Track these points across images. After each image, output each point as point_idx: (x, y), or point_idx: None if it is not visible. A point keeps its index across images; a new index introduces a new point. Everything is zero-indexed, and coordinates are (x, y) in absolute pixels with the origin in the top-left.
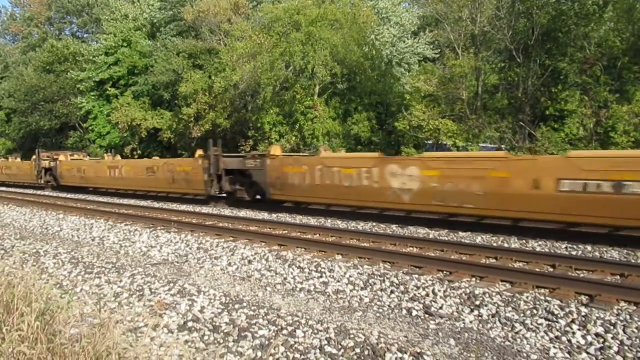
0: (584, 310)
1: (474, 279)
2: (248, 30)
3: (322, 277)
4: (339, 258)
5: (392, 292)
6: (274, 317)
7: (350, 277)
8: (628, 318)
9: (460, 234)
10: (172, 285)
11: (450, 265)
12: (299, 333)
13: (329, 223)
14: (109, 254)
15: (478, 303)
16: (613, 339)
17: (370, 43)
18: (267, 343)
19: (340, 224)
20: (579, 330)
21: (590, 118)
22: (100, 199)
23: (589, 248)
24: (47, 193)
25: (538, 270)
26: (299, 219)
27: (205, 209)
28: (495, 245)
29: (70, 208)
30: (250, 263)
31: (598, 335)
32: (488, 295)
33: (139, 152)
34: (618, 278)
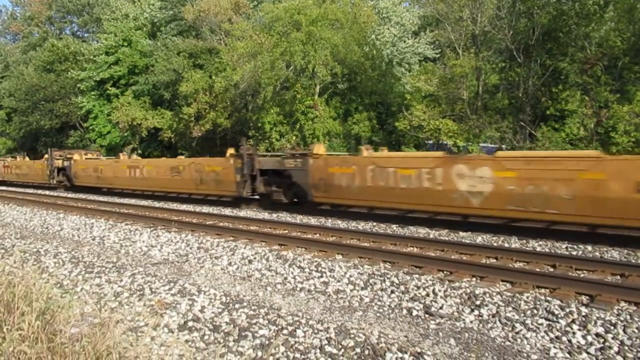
0: (584, 310)
1: (474, 279)
2: (248, 30)
3: (322, 276)
4: (339, 258)
5: (392, 291)
6: (274, 316)
7: (351, 276)
8: (628, 318)
9: (461, 234)
10: (172, 285)
11: (451, 265)
12: (299, 332)
13: (329, 223)
14: (109, 253)
15: (478, 303)
16: (613, 339)
17: (371, 43)
18: (267, 342)
19: (341, 224)
20: (579, 330)
21: (591, 118)
22: (101, 199)
23: (589, 248)
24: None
25: (538, 270)
26: (299, 219)
27: (206, 209)
28: (496, 245)
29: (71, 207)
30: (251, 262)
31: (598, 335)
32: (488, 295)
33: (139, 151)
34: (618, 278)
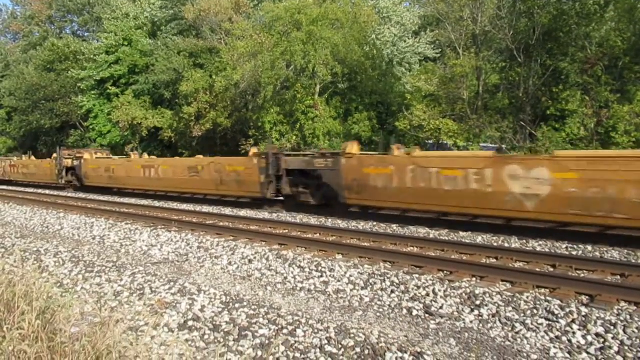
0: (584, 310)
1: (474, 279)
2: (249, 29)
3: (322, 276)
4: (340, 257)
5: (392, 291)
6: (274, 316)
7: (351, 276)
8: (628, 318)
9: (461, 234)
10: (172, 284)
11: (451, 265)
12: (299, 332)
13: (329, 222)
14: (110, 253)
15: (478, 303)
16: (613, 339)
17: (371, 42)
18: (267, 342)
19: (341, 224)
20: (579, 330)
21: (591, 118)
22: (101, 198)
23: (589, 248)
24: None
25: (538, 270)
26: (299, 219)
27: (206, 208)
28: (496, 245)
29: (71, 207)
30: (251, 262)
31: (598, 335)
32: (488, 295)
33: (139, 150)
34: (618, 278)
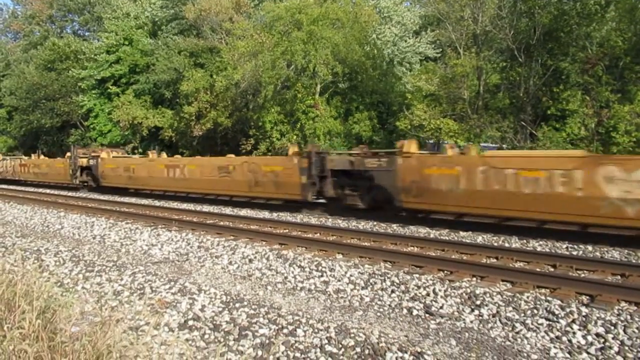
0: (585, 310)
1: (475, 279)
2: (249, 29)
3: (322, 276)
4: (340, 257)
5: (392, 291)
6: (275, 315)
7: (351, 276)
8: (628, 318)
9: (461, 234)
10: (172, 284)
11: (451, 265)
12: (300, 332)
13: (330, 222)
14: (110, 252)
15: (478, 302)
16: (613, 339)
17: (372, 42)
18: (267, 342)
19: (341, 223)
20: (580, 330)
21: (592, 118)
22: (101, 197)
23: (590, 248)
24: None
25: (539, 270)
26: (300, 218)
27: (206, 208)
28: (496, 245)
29: (71, 206)
30: (251, 262)
31: (598, 335)
32: (488, 295)
33: (140, 150)
34: (618, 278)
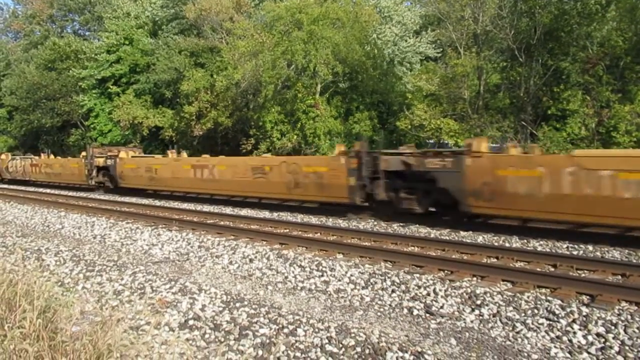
0: (585, 310)
1: (475, 279)
2: (250, 29)
3: (323, 275)
4: (340, 257)
5: (393, 291)
6: (275, 315)
7: (351, 276)
8: (629, 318)
9: (462, 234)
10: (173, 283)
11: (451, 265)
12: (300, 331)
13: (330, 222)
14: (110, 252)
15: (479, 302)
16: (614, 339)
17: (372, 42)
18: (267, 341)
19: (341, 223)
20: (580, 330)
21: (592, 118)
22: (102, 197)
23: (590, 248)
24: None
25: (539, 270)
26: (300, 218)
27: (207, 207)
28: (497, 245)
29: (72, 206)
30: (251, 261)
31: (599, 335)
32: (489, 295)
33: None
34: (619, 278)
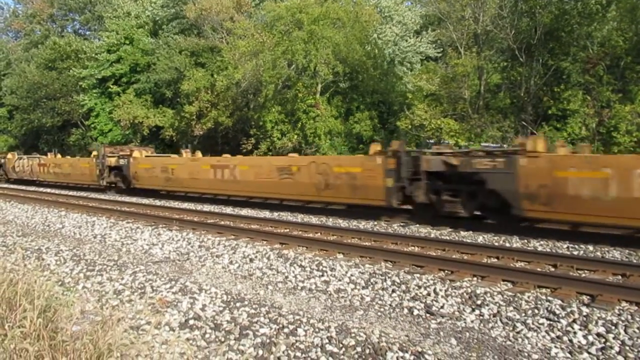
0: (585, 310)
1: (475, 279)
2: (250, 28)
3: (323, 275)
4: (340, 257)
5: (393, 291)
6: (275, 315)
7: (352, 275)
8: (629, 318)
9: (462, 233)
10: (173, 283)
11: (452, 265)
12: (300, 331)
13: (330, 222)
14: (111, 252)
15: (479, 302)
16: (614, 339)
17: (373, 41)
18: (268, 341)
19: (342, 223)
20: (580, 330)
21: (593, 118)
22: (102, 197)
23: (591, 248)
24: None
25: (539, 270)
26: (300, 218)
27: (207, 207)
28: (497, 245)
29: (72, 205)
30: (252, 261)
31: (599, 335)
32: (489, 295)
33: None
34: (619, 278)
